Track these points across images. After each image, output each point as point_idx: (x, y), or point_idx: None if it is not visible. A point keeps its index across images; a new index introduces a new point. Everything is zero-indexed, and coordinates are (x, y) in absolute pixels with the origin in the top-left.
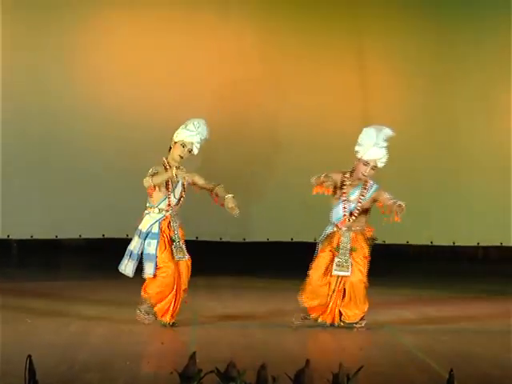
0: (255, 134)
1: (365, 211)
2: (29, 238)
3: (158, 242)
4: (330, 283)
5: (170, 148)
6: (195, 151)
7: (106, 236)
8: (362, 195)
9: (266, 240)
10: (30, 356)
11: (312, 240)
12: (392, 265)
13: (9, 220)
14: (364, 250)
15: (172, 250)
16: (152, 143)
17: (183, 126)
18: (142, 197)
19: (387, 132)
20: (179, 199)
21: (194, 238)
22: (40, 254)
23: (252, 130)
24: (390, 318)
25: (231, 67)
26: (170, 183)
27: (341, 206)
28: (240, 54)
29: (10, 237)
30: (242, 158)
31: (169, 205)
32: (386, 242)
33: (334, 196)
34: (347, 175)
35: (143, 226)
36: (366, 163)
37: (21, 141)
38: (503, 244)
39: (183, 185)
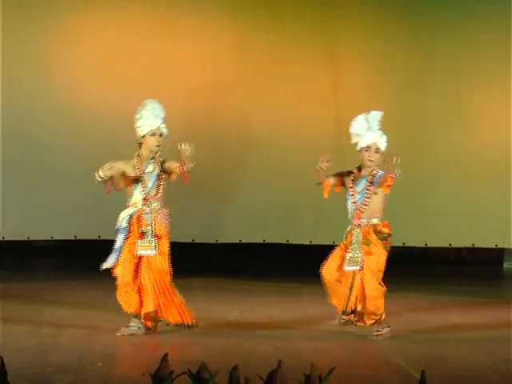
0: (229, 135)
1: (376, 202)
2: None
3: (124, 236)
4: (346, 278)
5: (141, 144)
6: (165, 132)
7: (77, 237)
8: (370, 182)
9: (238, 241)
10: (1, 358)
11: (284, 241)
12: None
13: None
14: (378, 246)
15: (136, 246)
16: (128, 145)
17: (139, 118)
18: (116, 198)
19: (375, 113)
20: (157, 191)
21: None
22: (12, 255)
23: (226, 130)
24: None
25: (205, 68)
26: (141, 176)
27: (350, 200)
28: (214, 55)
29: None
30: (216, 159)
31: (144, 199)
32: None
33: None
34: (355, 171)
35: (117, 222)
36: (368, 148)
37: None
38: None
39: (158, 175)
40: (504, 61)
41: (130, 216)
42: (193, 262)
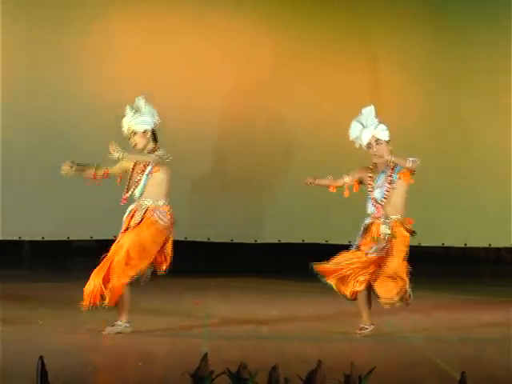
0: (264, 136)
1: (397, 197)
2: None
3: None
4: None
5: None
6: (137, 128)
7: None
8: (390, 176)
9: (277, 241)
10: (41, 357)
11: (323, 241)
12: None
13: None
14: (405, 240)
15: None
16: (164, 143)
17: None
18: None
19: (365, 111)
20: (142, 187)
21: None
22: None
23: (261, 132)
24: (400, 320)
25: (239, 68)
26: (132, 174)
27: (370, 196)
28: (249, 54)
29: None
30: (252, 161)
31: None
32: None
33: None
34: (372, 166)
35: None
36: (369, 145)
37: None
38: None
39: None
40: None
41: (128, 212)
42: (230, 261)
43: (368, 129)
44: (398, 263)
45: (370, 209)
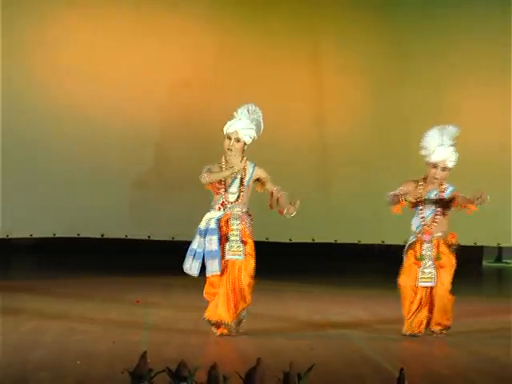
0: (210, 134)
1: (445, 215)
2: None
3: (218, 237)
4: (417, 293)
5: None
6: (245, 139)
7: (56, 235)
8: (441, 198)
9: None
10: None
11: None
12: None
13: None
14: (450, 258)
15: (224, 248)
16: (112, 141)
17: None
18: (97, 195)
19: (451, 130)
20: (238, 196)
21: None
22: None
23: (208, 129)
24: (342, 317)
25: (186, 68)
26: (225, 179)
27: (418, 213)
28: (195, 54)
29: None
30: (197, 158)
31: (225, 201)
32: (338, 241)
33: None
34: (421, 182)
35: (202, 224)
36: (435, 165)
37: None
38: None
39: (241, 180)
40: (482, 60)
41: (217, 219)
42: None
43: (446, 149)
44: (446, 298)
45: (416, 224)
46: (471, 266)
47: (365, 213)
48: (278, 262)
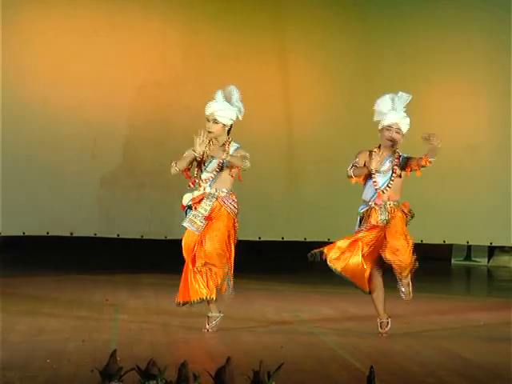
0: (179, 133)
1: (398, 184)
2: None
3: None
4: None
5: None
6: (222, 120)
7: (26, 233)
8: (396, 164)
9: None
10: None
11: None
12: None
13: None
14: (403, 227)
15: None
16: (74, 139)
17: None
18: (66, 193)
19: (403, 95)
20: (214, 176)
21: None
22: None
23: (176, 128)
24: (311, 315)
25: (154, 66)
26: (202, 161)
27: (371, 181)
28: (163, 53)
29: None
30: (166, 156)
31: (201, 182)
32: (307, 240)
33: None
34: (375, 150)
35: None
36: (389, 127)
37: None
38: None
39: (219, 162)
40: (451, 57)
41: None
42: (142, 257)
43: (397, 113)
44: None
45: (369, 193)
46: (440, 264)
47: (333, 210)
48: (246, 260)
